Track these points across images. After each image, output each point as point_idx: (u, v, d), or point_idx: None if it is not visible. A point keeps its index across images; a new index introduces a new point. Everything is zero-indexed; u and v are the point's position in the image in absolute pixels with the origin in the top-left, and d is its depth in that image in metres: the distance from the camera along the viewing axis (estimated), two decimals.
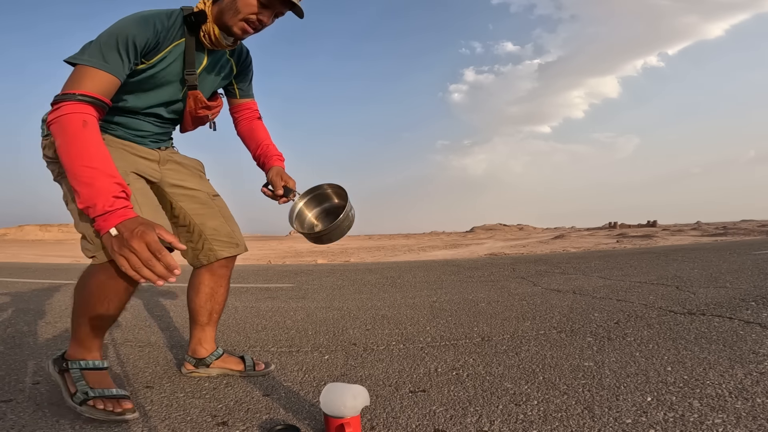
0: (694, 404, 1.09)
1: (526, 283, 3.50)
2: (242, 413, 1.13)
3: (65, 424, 1.06)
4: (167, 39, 1.03)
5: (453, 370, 1.45)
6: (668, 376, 1.30)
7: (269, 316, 2.37)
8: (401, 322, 2.21)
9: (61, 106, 0.86)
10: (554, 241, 29.09)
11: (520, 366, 1.46)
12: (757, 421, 0.99)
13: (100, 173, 0.82)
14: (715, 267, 3.87)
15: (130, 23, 0.95)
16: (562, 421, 1.04)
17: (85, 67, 0.90)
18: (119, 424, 1.06)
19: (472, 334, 1.91)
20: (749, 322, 1.87)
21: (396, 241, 50.49)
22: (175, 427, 1.05)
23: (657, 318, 2.04)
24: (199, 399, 1.23)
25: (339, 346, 1.79)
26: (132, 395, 1.25)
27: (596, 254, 6.54)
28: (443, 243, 37.70)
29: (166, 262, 0.76)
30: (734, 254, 5.03)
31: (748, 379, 1.23)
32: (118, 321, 2.26)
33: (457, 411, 1.12)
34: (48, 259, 13.59)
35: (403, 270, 4.97)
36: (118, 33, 0.93)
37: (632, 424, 1.00)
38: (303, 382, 1.38)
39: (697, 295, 2.54)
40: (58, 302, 2.88)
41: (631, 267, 4.26)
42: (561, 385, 1.27)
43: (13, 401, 1.20)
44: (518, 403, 1.15)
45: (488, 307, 2.54)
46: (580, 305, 2.44)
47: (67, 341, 1.86)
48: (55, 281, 4.07)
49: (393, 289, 3.46)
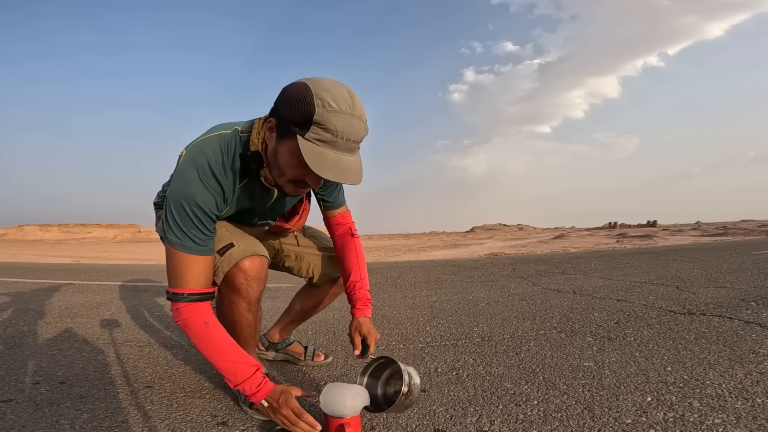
0: (694, 404, 1.09)
1: (526, 283, 3.50)
2: (242, 413, 1.13)
3: (65, 424, 1.06)
4: (233, 190, 1.03)
5: (453, 370, 1.45)
6: (668, 376, 1.30)
7: (269, 316, 2.37)
8: (401, 322, 2.21)
9: (179, 309, 0.98)
10: (554, 241, 29.10)
11: (520, 366, 1.46)
12: (757, 421, 0.99)
13: (237, 363, 0.98)
14: (715, 267, 3.87)
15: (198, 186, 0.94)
16: (562, 421, 1.04)
17: (180, 253, 0.96)
18: (120, 424, 1.07)
19: (472, 334, 1.91)
20: (749, 322, 1.87)
21: (396, 241, 50.50)
22: (175, 427, 1.06)
23: (657, 318, 2.04)
24: (199, 399, 1.23)
25: (339, 346, 1.78)
26: (132, 395, 1.25)
27: (596, 254, 6.54)
28: (443, 243, 37.71)
29: (308, 421, 0.95)
30: (734, 254, 5.03)
31: (748, 379, 1.23)
32: (118, 321, 2.28)
33: (457, 411, 1.12)
34: (48, 259, 13.59)
35: (403, 270, 4.97)
36: (192, 203, 0.94)
37: (632, 424, 1.00)
38: (303, 383, 1.38)
39: (697, 295, 2.54)
40: (58, 302, 2.88)
41: (631, 267, 4.26)
42: (561, 385, 1.27)
43: (13, 401, 1.20)
44: (518, 403, 1.15)
45: (488, 307, 2.54)
46: (580, 305, 2.44)
47: (67, 341, 1.86)
48: (55, 281, 4.07)
49: (393, 289, 3.46)
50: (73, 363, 1.56)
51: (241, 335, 1.16)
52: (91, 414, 1.12)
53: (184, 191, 0.94)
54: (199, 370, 1.50)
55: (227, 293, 1.11)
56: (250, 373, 0.98)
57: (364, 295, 1.25)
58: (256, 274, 1.09)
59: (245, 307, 1.12)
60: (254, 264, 1.09)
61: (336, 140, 0.84)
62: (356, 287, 1.25)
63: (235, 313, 1.13)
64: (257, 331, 1.23)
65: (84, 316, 2.42)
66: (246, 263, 1.08)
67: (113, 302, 2.89)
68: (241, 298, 1.10)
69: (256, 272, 1.09)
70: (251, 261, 1.09)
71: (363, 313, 1.21)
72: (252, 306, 1.14)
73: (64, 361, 1.59)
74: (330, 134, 0.83)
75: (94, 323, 2.23)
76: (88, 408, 1.16)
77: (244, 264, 1.08)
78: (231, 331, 1.12)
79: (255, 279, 1.10)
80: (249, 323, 1.16)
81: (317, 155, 0.84)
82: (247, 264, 1.08)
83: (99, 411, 1.14)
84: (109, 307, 2.71)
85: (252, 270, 1.09)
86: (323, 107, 0.82)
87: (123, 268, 6.00)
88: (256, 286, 1.11)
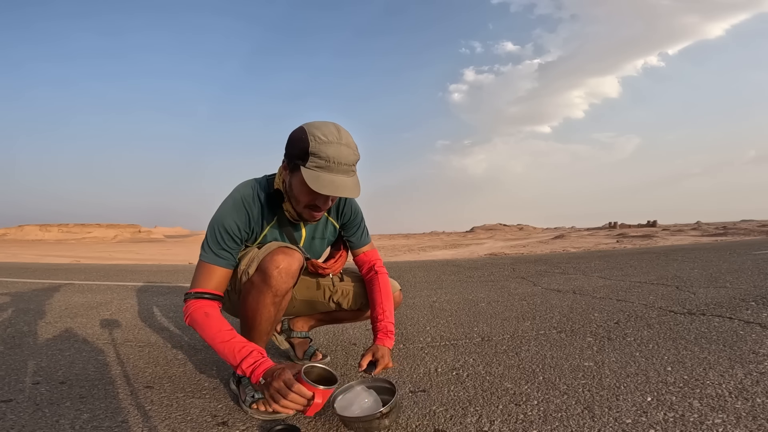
0: (694, 404, 1.09)
1: (526, 283, 3.50)
2: (242, 413, 1.13)
3: (65, 424, 1.06)
4: (261, 223, 1.21)
5: (453, 370, 1.45)
6: (668, 376, 1.30)
7: None
8: (401, 322, 2.21)
9: (188, 304, 1.10)
10: (554, 241, 29.09)
11: (520, 366, 1.46)
12: (757, 421, 0.99)
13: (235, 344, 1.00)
14: (715, 267, 3.87)
15: (228, 212, 1.16)
16: (562, 421, 1.04)
17: (201, 263, 1.15)
18: (120, 424, 1.07)
19: (472, 334, 1.91)
20: (749, 322, 1.87)
21: (396, 241, 50.51)
22: (175, 427, 1.06)
23: (657, 318, 2.04)
24: (199, 399, 1.23)
25: (339, 346, 1.78)
26: (132, 395, 1.26)
27: (596, 254, 6.54)
28: (443, 243, 37.71)
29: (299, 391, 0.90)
30: (734, 254, 5.03)
31: (748, 379, 1.23)
32: (118, 321, 2.28)
33: (457, 411, 1.12)
34: (48, 259, 13.60)
35: (403, 270, 4.97)
36: (220, 225, 1.14)
37: (632, 424, 1.00)
38: None
39: (697, 295, 2.54)
40: (58, 302, 2.88)
41: (631, 267, 4.26)
42: (561, 385, 1.27)
43: (13, 401, 1.20)
44: (518, 403, 1.15)
45: (488, 307, 2.54)
46: (580, 305, 2.44)
47: (67, 341, 1.86)
48: (55, 281, 4.07)
49: None
50: (73, 363, 1.56)
51: (258, 327, 1.18)
52: (91, 414, 1.12)
53: (217, 218, 1.16)
54: (199, 370, 1.50)
55: (257, 281, 1.14)
56: (247, 352, 0.99)
57: (385, 327, 1.28)
58: (287, 266, 1.12)
59: (270, 299, 1.14)
60: (288, 256, 1.13)
61: (330, 165, 1.03)
62: (379, 318, 1.30)
63: (260, 303, 1.15)
64: (273, 330, 1.24)
65: (84, 316, 2.42)
66: (280, 254, 1.13)
67: (113, 302, 2.88)
68: (269, 288, 1.13)
69: (288, 264, 1.12)
70: (286, 253, 1.14)
71: (383, 342, 1.24)
72: (277, 299, 1.15)
73: (64, 361, 1.59)
74: (323, 161, 1.03)
75: (94, 323, 2.23)
76: (88, 408, 1.16)
77: (278, 254, 1.13)
78: (250, 322, 1.18)
79: (286, 270, 1.12)
80: (269, 317, 1.18)
81: (316, 178, 1.03)
82: (281, 255, 1.13)
83: (99, 411, 1.14)
84: (109, 307, 2.71)
85: (284, 261, 1.12)
86: (315, 141, 1.03)
87: (123, 268, 6.00)
88: (285, 277, 1.13)
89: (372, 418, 0.99)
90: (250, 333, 1.21)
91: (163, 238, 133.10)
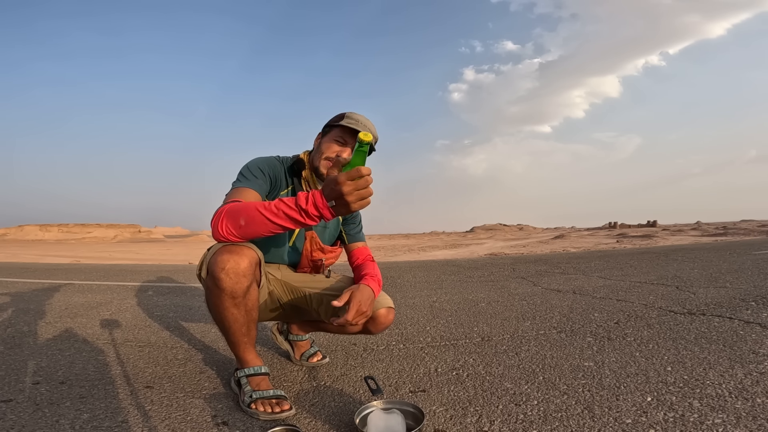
0: (694, 404, 1.09)
1: (526, 283, 3.50)
2: (242, 413, 1.13)
3: (65, 424, 1.06)
4: (282, 181, 1.34)
5: (453, 370, 1.45)
6: (668, 376, 1.30)
7: None
8: (401, 322, 2.21)
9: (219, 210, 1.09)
10: (554, 241, 29.09)
11: (520, 366, 1.46)
12: (757, 421, 0.99)
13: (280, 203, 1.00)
14: (715, 267, 3.87)
15: (257, 160, 1.32)
16: (562, 421, 1.04)
17: (233, 189, 1.21)
18: (120, 424, 1.07)
19: (472, 334, 1.91)
20: (749, 322, 1.87)
21: (396, 241, 50.51)
22: (175, 427, 1.06)
23: (657, 318, 2.04)
24: (199, 399, 1.23)
25: (339, 346, 1.78)
26: (132, 395, 1.26)
27: (596, 254, 6.54)
28: (443, 243, 37.71)
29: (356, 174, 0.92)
30: (734, 254, 5.03)
31: (748, 379, 1.23)
32: (118, 321, 2.28)
33: (457, 411, 1.12)
34: (48, 259, 13.59)
35: (403, 270, 4.97)
36: (251, 165, 1.29)
37: (632, 424, 1.00)
38: (303, 383, 1.38)
39: (697, 295, 2.54)
40: (58, 302, 2.88)
41: (631, 267, 4.26)
42: (561, 385, 1.27)
43: (13, 401, 1.20)
44: (518, 403, 1.15)
45: (488, 307, 2.54)
46: (580, 305, 2.44)
47: (67, 341, 1.86)
48: (55, 281, 4.07)
49: (393, 289, 3.46)
50: (73, 363, 1.56)
51: (230, 329, 1.15)
52: (91, 414, 1.12)
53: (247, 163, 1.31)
54: (199, 370, 1.50)
55: (210, 285, 1.09)
56: (294, 198, 0.99)
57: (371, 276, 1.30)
58: (234, 266, 1.05)
59: (230, 301, 1.10)
60: (235, 254, 1.06)
61: (358, 124, 1.28)
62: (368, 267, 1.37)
63: (221, 306, 1.11)
64: (251, 330, 1.19)
65: (84, 316, 2.42)
66: (225, 254, 1.06)
67: (113, 302, 2.88)
68: (222, 292, 1.07)
69: (234, 263, 1.05)
70: (231, 251, 1.07)
71: (367, 282, 1.24)
72: (237, 300, 1.10)
73: (64, 361, 1.59)
74: (354, 121, 1.28)
75: (94, 323, 2.23)
76: (88, 408, 1.16)
77: (223, 254, 1.06)
78: (220, 326, 1.17)
79: (233, 271, 1.05)
80: (237, 318, 1.13)
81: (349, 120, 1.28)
82: (225, 255, 1.06)
83: (99, 411, 1.14)
84: (109, 307, 2.71)
85: (230, 260, 1.05)
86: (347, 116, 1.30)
87: (123, 268, 6.00)
88: (235, 277, 1.06)
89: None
90: (227, 337, 1.18)
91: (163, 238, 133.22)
